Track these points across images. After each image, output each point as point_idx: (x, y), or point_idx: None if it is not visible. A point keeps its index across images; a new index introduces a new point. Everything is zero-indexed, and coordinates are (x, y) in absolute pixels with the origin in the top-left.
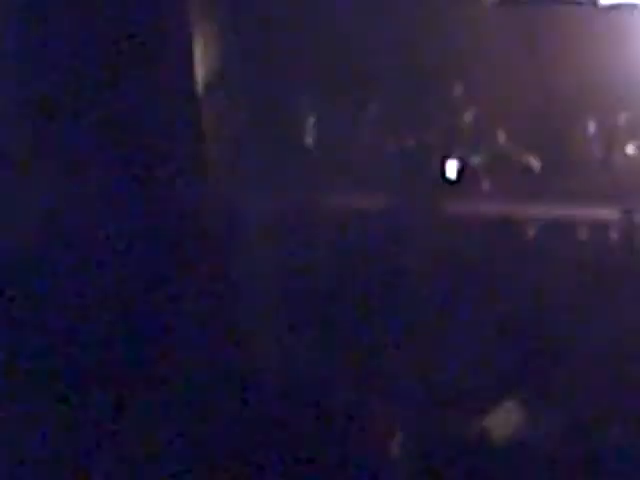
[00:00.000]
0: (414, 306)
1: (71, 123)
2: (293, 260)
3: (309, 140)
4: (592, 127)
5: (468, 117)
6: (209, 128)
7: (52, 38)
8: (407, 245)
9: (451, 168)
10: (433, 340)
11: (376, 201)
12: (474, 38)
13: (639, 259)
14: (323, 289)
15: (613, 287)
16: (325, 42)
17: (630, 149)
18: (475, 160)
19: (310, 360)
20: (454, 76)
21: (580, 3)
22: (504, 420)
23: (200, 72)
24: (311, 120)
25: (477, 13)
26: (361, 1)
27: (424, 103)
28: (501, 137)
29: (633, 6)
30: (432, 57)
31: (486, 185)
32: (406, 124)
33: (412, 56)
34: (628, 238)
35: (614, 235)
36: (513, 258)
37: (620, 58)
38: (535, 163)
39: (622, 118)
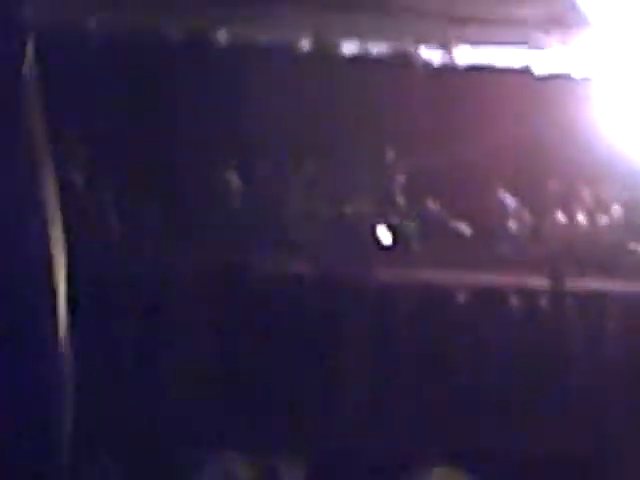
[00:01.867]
0: (349, 372)
1: None
2: (227, 324)
3: (237, 204)
4: (522, 194)
5: (400, 183)
6: None
7: None
8: (340, 310)
9: (383, 234)
10: (363, 404)
11: (309, 267)
12: (406, 105)
13: (569, 326)
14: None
15: (543, 353)
16: (259, 106)
17: (559, 216)
18: (407, 226)
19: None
20: (386, 142)
21: (515, 71)
22: None
23: None
24: (240, 183)
25: (410, 80)
26: (296, 65)
27: (357, 168)
28: (432, 204)
29: (567, 76)
30: (365, 123)
31: (417, 251)
32: (339, 189)
33: (345, 121)
34: (557, 305)
35: (544, 302)
36: (444, 324)
37: (554, 127)
38: (466, 229)
39: (552, 185)
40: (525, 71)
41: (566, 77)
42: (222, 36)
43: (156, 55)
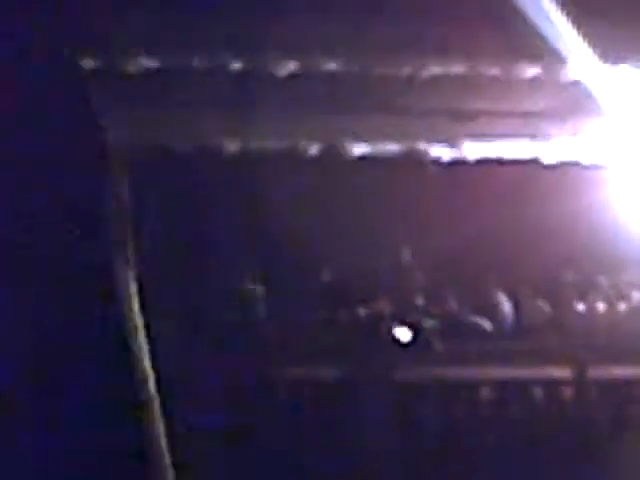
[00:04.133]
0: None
1: None
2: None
3: (260, 312)
4: (542, 285)
5: (418, 281)
6: None
7: None
8: (364, 411)
9: (403, 333)
10: None
11: (330, 371)
12: (420, 202)
13: (592, 415)
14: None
15: (569, 444)
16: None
17: (579, 306)
18: (427, 324)
19: None
20: (402, 241)
21: (524, 162)
22: None
23: None
24: (260, 291)
25: (422, 177)
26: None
27: (374, 268)
28: (451, 300)
29: (576, 163)
30: (380, 222)
31: (439, 348)
32: (357, 290)
33: (361, 221)
34: (581, 395)
35: (567, 393)
36: (468, 420)
37: (564, 216)
38: (486, 324)
39: (569, 276)
40: (535, 161)
41: (576, 165)
42: (234, 145)
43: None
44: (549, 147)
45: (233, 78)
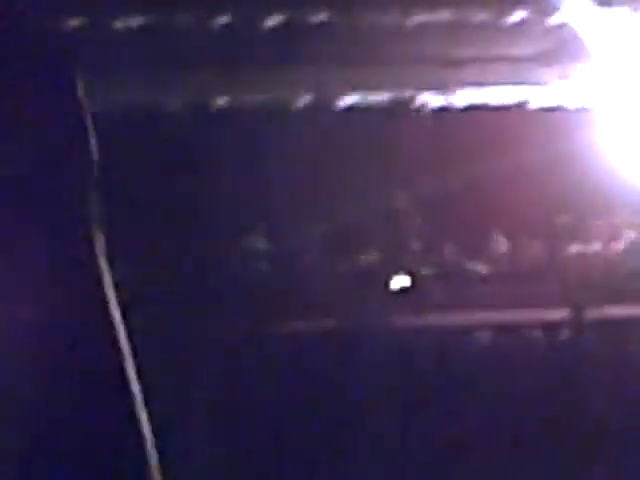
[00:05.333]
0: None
1: None
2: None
3: (259, 265)
4: (537, 229)
5: (413, 229)
6: None
7: None
8: (360, 360)
9: (400, 281)
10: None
11: (328, 321)
12: (412, 151)
13: (590, 357)
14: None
15: (566, 387)
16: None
17: (574, 249)
18: (424, 271)
19: None
20: (395, 189)
21: (513, 107)
22: None
23: None
24: (261, 241)
25: (413, 125)
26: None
27: (368, 218)
28: (447, 246)
29: (566, 107)
30: (372, 172)
31: (437, 295)
32: (352, 240)
33: (353, 171)
34: (579, 335)
35: (565, 334)
36: (469, 366)
37: (555, 159)
38: (483, 269)
39: (563, 218)
40: (523, 106)
41: (566, 109)
42: (222, 100)
43: (160, 124)
44: (538, 92)
45: (218, 32)
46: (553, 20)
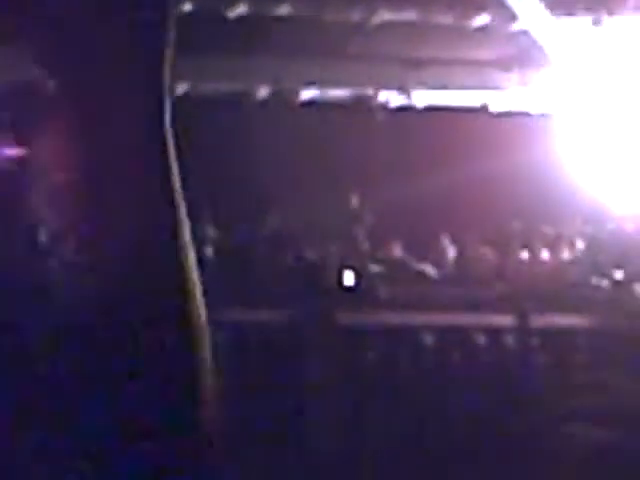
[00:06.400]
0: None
1: None
2: None
3: (208, 252)
4: (487, 234)
5: (364, 227)
6: None
7: None
8: (307, 355)
9: (349, 277)
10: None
11: (276, 313)
12: (369, 148)
13: (535, 362)
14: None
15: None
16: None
17: (523, 255)
18: (372, 269)
19: None
20: (350, 186)
21: (473, 110)
22: None
23: None
24: (210, 233)
25: (371, 123)
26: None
27: (322, 214)
28: (397, 246)
29: (525, 113)
30: (329, 167)
31: (383, 293)
32: (305, 236)
33: (310, 168)
34: (523, 342)
35: (510, 340)
36: (412, 365)
37: (509, 165)
38: (431, 270)
39: (514, 225)
40: (482, 110)
41: (524, 114)
42: (181, 88)
43: None
44: (497, 96)
45: (182, 20)
46: (515, 27)
